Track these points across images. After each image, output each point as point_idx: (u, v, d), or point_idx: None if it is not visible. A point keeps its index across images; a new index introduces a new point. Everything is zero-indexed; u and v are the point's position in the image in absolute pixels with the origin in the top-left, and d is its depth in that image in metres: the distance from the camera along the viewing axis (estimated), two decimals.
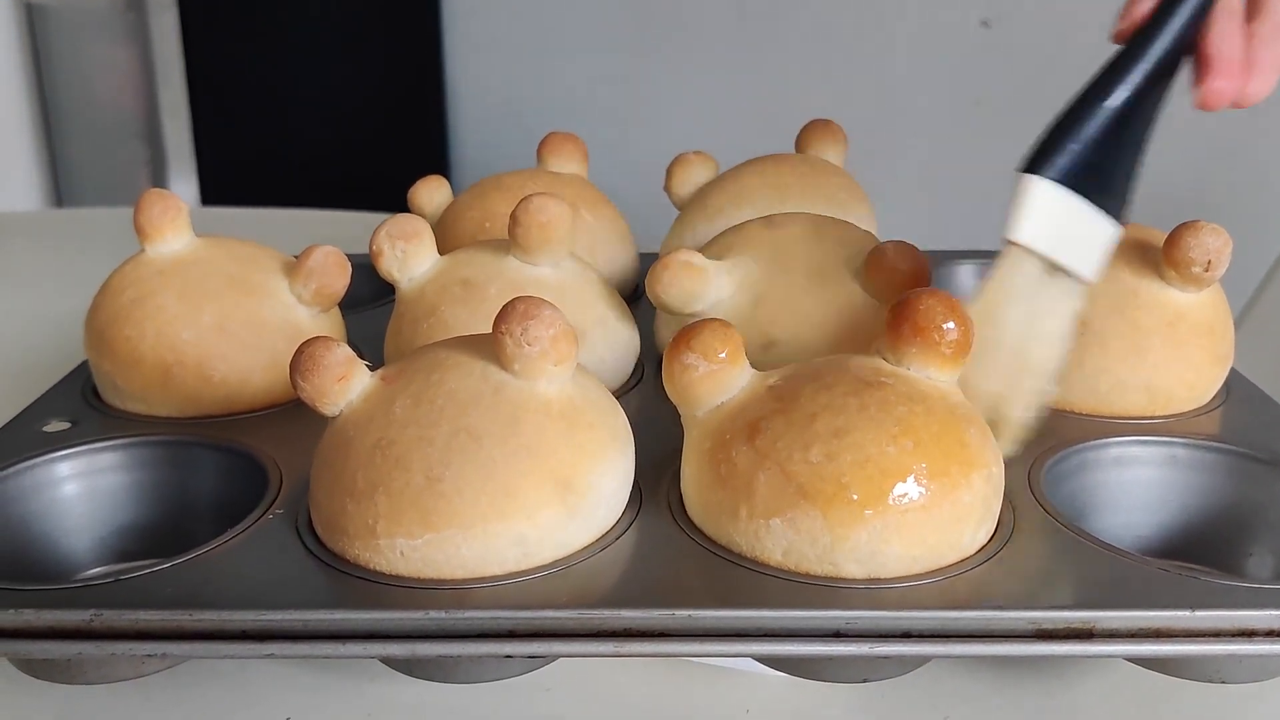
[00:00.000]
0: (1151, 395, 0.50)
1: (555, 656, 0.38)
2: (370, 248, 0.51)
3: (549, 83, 1.81)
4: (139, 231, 0.52)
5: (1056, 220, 0.43)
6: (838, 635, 0.36)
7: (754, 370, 0.42)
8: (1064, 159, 0.43)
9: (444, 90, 1.88)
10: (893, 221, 0.67)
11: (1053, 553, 0.40)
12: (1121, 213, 0.45)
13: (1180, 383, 0.50)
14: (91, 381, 0.54)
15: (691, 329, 0.41)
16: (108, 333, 0.51)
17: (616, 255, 0.64)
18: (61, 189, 1.72)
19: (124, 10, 1.60)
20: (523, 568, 0.38)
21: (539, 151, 0.68)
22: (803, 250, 0.52)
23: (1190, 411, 0.51)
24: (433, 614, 0.36)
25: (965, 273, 0.70)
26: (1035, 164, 0.43)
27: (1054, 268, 0.44)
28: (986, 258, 0.70)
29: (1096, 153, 0.43)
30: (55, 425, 0.49)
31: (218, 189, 1.66)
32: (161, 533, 0.46)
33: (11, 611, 0.36)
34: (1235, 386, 0.54)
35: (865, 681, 0.39)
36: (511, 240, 0.51)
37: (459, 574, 0.38)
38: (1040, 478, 0.44)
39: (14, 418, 0.50)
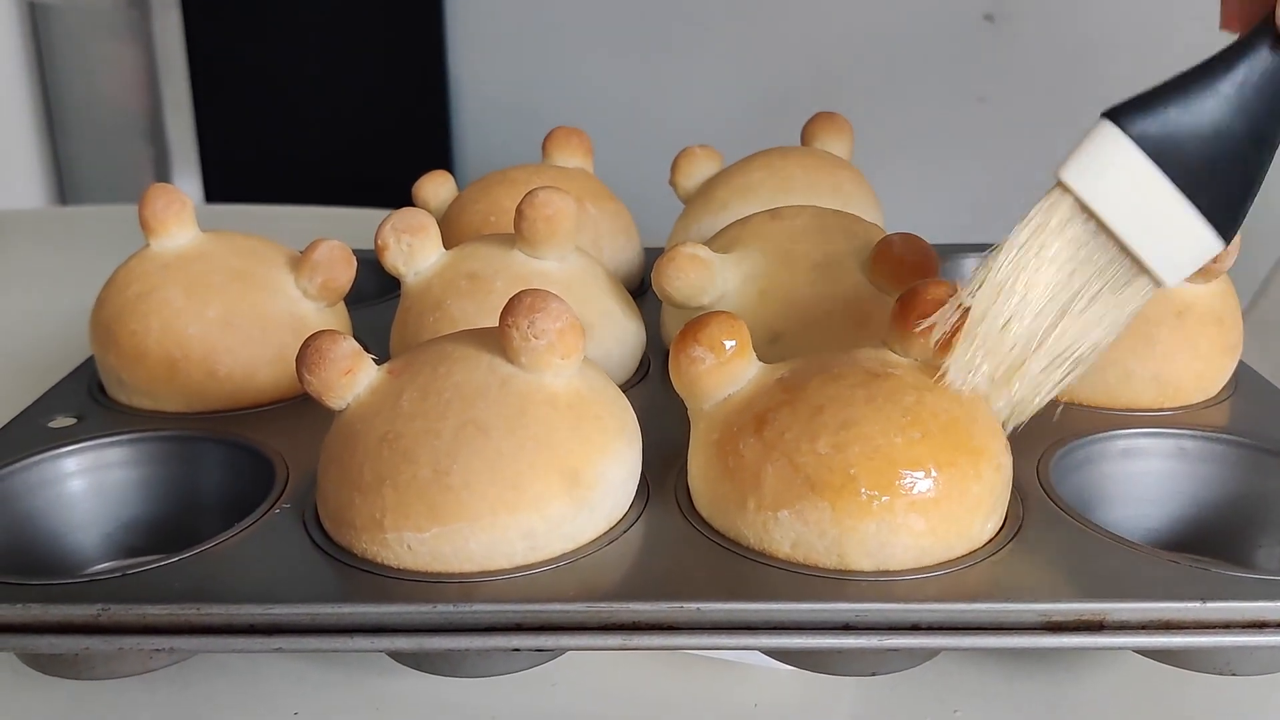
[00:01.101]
0: (1160, 386, 0.50)
1: (563, 650, 0.38)
2: (375, 242, 0.51)
3: (553, 78, 1.81)
4: (144, 226, 0.52)
5: (1126, 188, 0.37)
6: (846, 628, 0.36)
7: (761, 363, 0.42)
8: (1155, 124, 0.36)
9: (447, 86, 1.88)
10: (898, 215, 0.67)
11: (1062, 545, 0.40)
12: (1227, 227, 0.38)
13: (1189, 373, 0.50)
14: (97, 377, 0.54)
15: (698, 322, 0.41)
16: (113, 328, 0.51)
17: (622, 249, 0.64)
18: (65, 187, 1.72)
19: (127, 8, 1.60)
20: (530, 561, 0.38)
21: (544, 146, 0.68)
22: (809, 243, 0.51)
23: (1199, 403, 0.51)
24: (440, 607, 0.36)
25: (971, 265, 0.70)
26: (1119, 113, 0.37)
27: (1119, 247, 0.38)
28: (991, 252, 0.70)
29: (1205, 143, 0.36)
30: (61, 421, 0.49)
31: (221, 186, 1.66)
32: (168, 528, 0.46)
33: (19, 606, 0.36)
34: (1244, 378, 0.53)
35: (874, 675, 0.39)
36: (517, 234, 0.51)
37: (466, 567, 0.38)
38: (1049, 470, 0.44)
39: (20, 414, 0.50)
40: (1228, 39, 0.38)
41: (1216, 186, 0.37)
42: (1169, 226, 0.38)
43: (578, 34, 1.78)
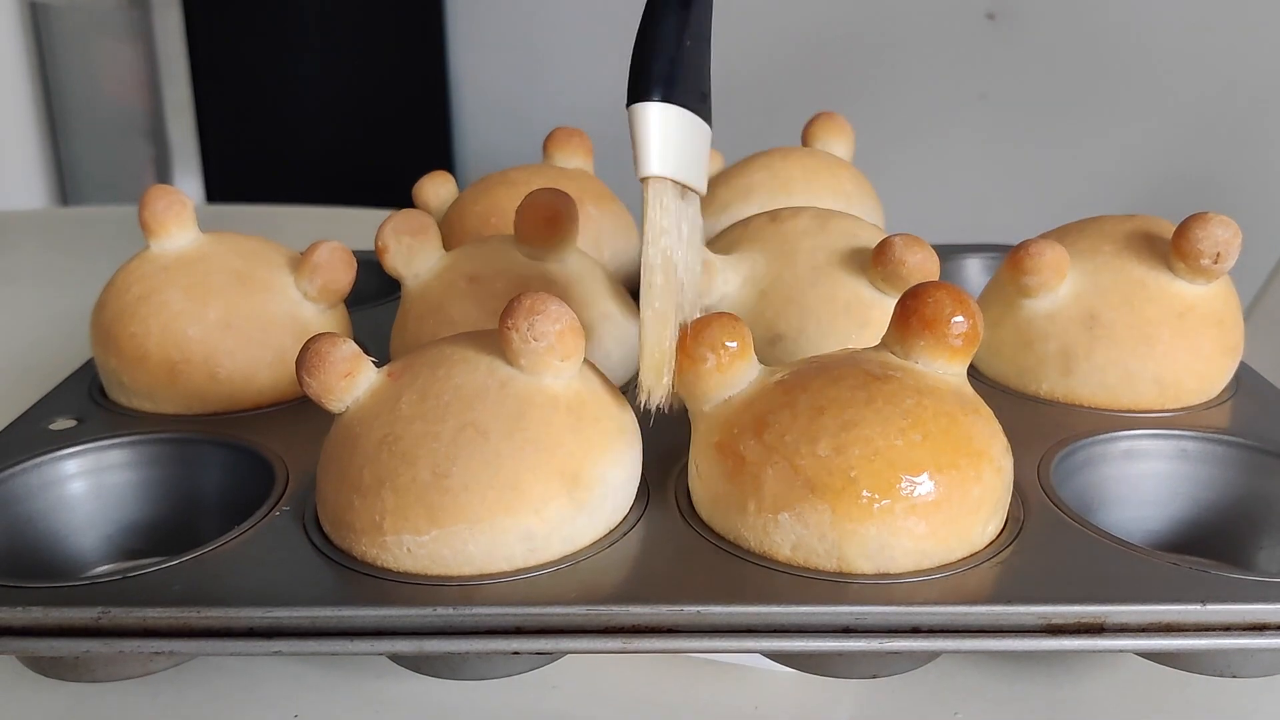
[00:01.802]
0: (1161, 387, 0.50)
1: (563, 653, 0.38)
2: (376, 243, 0.51)
3: (553, 78, 1.81)
4: (144, 227, 0.52)
5: (674, 141, 0.39)
6: (847, 631, 0.36)
7: (761, 365, 0.42)
8: (664, 75, 0.39)
9: (448, 86, 1.88)
10: (899, 215, 0.67)
11: (1063, 547, 0.40)
12: (708, 113, 0.41)
13: (1190, 374, 0.50)
14: (97, 379, 0.54)
15: (699, 323, 0.41)
16: (113, 330, 0.51)
17: (623, 250, 0.64)
18: (67, 187, 1.72)
19: (128, 8, 1.60)
20: (530, 563, 0.38)
21: (545, 146, 0.68)
22: (809, 244, 0.51)
23: (1200, 404, 0.51)
24: (440, 610, 0.36)
25: (973, 266, 0.70)
26: (641, 90, 0.39)
27: (682, 191, 0.41)
28: (994, 251, 0.70)
29: (683, 58, 0.39)
30: (61, 423, 0.49)
31: (223, 186, 1.66)
32: (168, 530, 0.46)
33: (19, 609, 0.36)
34: (1245, 379, 0.53)
35: (875, 677, 0.39)
36: (517, 235, 0.51)
37: (466, 570, 0.38)
38: (1049, 471, 0.44)
39: (20, 416, 0.50)
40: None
41: (703, 89, 0.41)
42: (695, 145, 0.40)
43: (578, 34, 1.78)
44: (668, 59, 0.39)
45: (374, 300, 0.65)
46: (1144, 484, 0.47)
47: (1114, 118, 1.43)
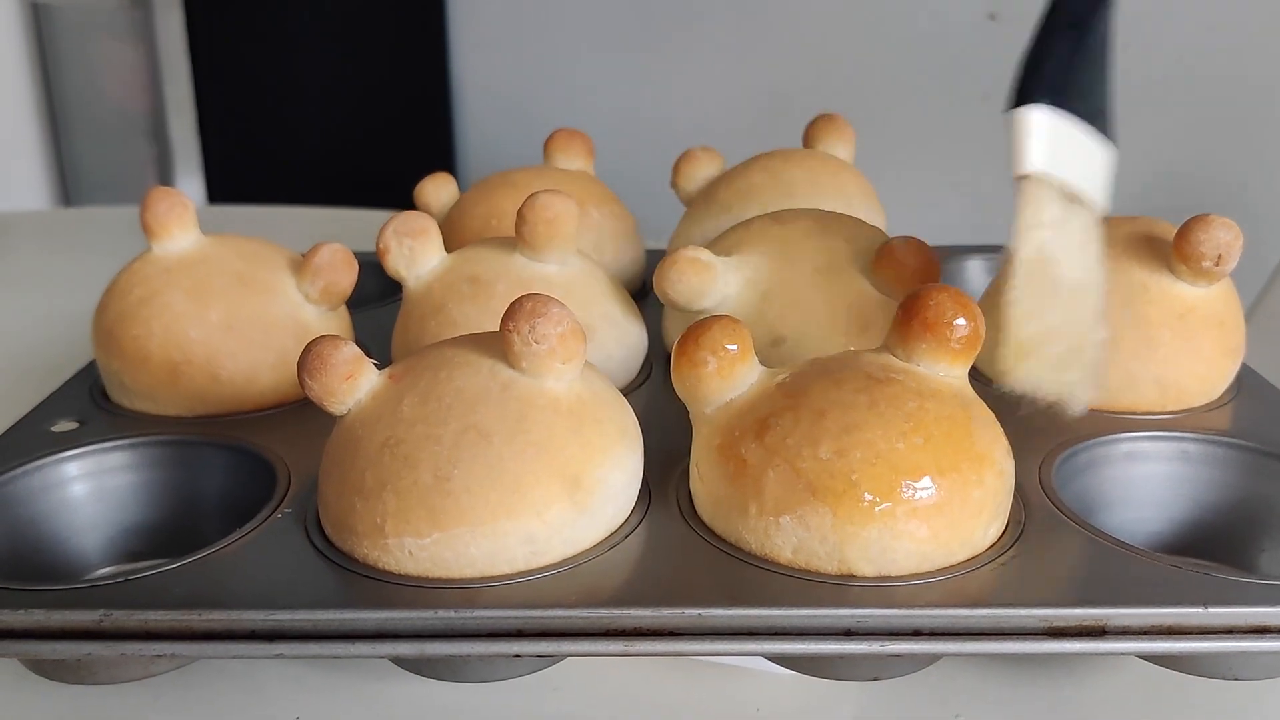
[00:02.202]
0: (1162, 389, 0.50)
1: (564, 656, 0.38)
2: (377, 245, 0.51)
3: (555, 79, 1.81)
4: (146, 229, 0.52)
5: (1059, 146, 0.42)
6: (848, 633, 0.36)
7: (763, 367, 0.42)
8: (1049, 83, 0.42)
9: (450, 87, 1.88)
10: (901, 217, 0.67)
11: (1064, 549, 0.40)
12: (1112, 132, 0.45)
13: (1191, 376, 0.50)
14: (99, 381, 0.54)
15: (700, 325, 0.41)
16: (115, 332, 0.51)
17: (623, 252, 0.64)
18: (68, 188, 1.72)
19: (129, 8, 1.60)
20: (532, 566, 0.38)
21: (545, 148, 0.68)
22: (811, 246, 0.51)
23: (1202, 406, 0.51)
24: (441, 613, 0.36)
25: (974, 268, 0.70)
26: (1024, 96, 0.42)
27: (1070, 197, 0.43)
28: (995, 251, 0.70)
29: (1073, 73, 0.43)
30: (63, 425, 0.49)
31: (224, 187, 1.66)
32: (170, 532, 0.46)
33: (21, 612, 0.36)
34: (1246, 381, 0.53)
35: (876, 679, 0.39)
36: (518, 237, 0.51)
37: (468, 573, 0.38)
38: (1051, 474, 0.44)
39: (22, 418, 0.50)
40: None
41: (1100, 108, 0.44)
42: (1087, 157, 0.44)
43: (580, 35, 1.78)
44: (1054, 71, 0.42)
45: (375, 302, 0.65)
46: (1145, 486, 0.47)
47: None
